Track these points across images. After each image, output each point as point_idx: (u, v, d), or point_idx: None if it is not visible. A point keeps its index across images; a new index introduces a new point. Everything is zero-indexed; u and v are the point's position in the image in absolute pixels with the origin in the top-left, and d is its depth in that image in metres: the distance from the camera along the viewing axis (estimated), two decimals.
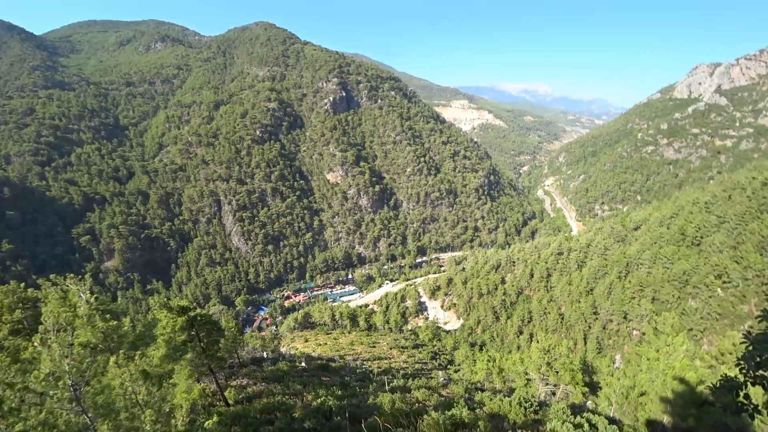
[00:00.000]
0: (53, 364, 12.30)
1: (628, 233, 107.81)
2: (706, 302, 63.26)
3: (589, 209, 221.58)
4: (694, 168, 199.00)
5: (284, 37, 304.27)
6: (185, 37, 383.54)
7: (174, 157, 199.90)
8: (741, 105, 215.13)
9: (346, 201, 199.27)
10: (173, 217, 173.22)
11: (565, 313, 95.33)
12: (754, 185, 79.40)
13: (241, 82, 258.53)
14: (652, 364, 29.86)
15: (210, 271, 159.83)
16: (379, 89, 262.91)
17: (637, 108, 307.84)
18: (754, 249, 63.58)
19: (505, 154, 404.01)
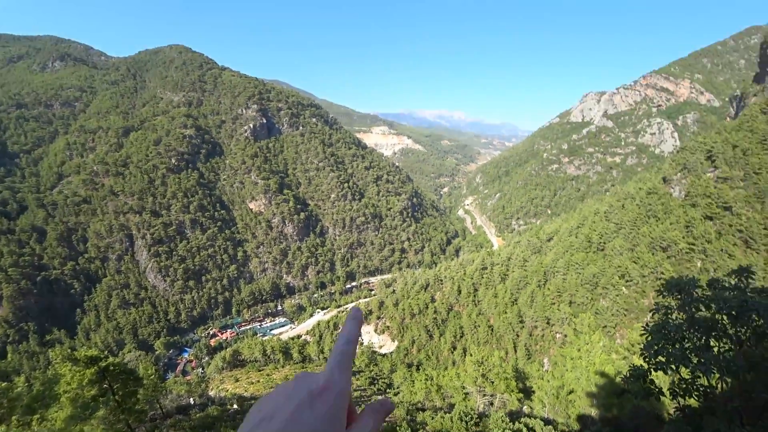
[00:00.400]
0: None
1: (543, 244, 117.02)
2: (614, 300, 70.24)
3: (507, 225, 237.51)
4: (593, 182, 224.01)
5: (201, 61, 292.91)
6: (89, 57, 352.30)
7: (77, 188, 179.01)
8: (624, 127, 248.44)
9: (270, 230, 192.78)
10: (77, 255, 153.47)
11: (494, 324, 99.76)
12: (641, 195, 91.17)
13: (154, 107, 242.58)
14: (576, 363, 32.18)
15: (123, 313, 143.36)
16: (300, 116, 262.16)
17: (541, 131, 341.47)
18: (647, 249, 72.43)
19: (426, 177, 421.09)
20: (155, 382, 30.90)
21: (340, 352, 0.93)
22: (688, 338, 11.62)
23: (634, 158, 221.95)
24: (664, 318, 12.71)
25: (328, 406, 0.81)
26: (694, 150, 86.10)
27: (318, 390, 0.82)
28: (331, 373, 0.87)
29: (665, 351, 11.41)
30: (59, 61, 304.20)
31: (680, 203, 77.53)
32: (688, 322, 11.69)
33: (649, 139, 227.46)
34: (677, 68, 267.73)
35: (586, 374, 28.63)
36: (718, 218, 67.76)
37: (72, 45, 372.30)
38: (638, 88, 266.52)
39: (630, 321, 64.56)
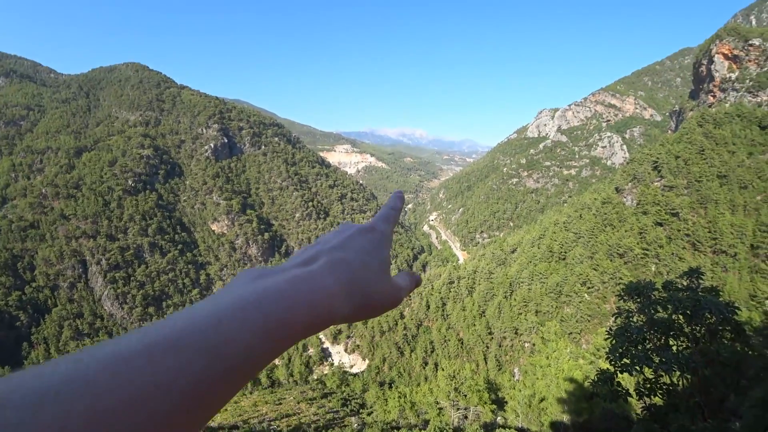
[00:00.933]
0: None
1: (507, 256, 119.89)
2: (577, 307, 72.77)
3: (471, 238, 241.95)
4: (551, 194, 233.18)
5: (158, 80, 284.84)
6: (37, 74, 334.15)
7: (23, 212, 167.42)
8: (577, 141, 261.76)
9: (234, 252, 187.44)
10: (23, 284, 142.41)
11: (464, 337, 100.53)
12: (597, 205, 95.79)
13: (109, 126, 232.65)
14: (546, 371, 32.88)
15: (76, 344, 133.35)
16: (262, 135, 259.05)
17: (500, 146, 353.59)
18: (605, 256, 75.89)
19: (390, 194, 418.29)
20: None
21: (384, 212, 0.96)
22: (648, 339, 12.21)
23: (589, 170, 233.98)
24: (626, 321, 13.30)
25: (376, 238, 0.85)
26: (641, 161, 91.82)
27: (366, 228, 0.88)
28: (376, 221, 0.93)
29: (629, 353, 11.90)
30: (3, 77, 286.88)
31: (633, 211, 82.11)
32: (648, 324, 12.29)
33: (600, 152, 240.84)
34: (622, 86, 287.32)
35: (555, 381, 29.28)
36: (668, 224, 72.29)
37: (18, 60, 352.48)
38: (588, 105, 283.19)
39: (594, 326, 66.94)
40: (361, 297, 0.82)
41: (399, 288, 0.91)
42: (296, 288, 0.70)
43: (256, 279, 0.71)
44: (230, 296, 0.66)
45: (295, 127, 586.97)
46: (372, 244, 0.89)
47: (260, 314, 0.62)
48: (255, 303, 0.63)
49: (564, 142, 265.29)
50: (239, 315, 0.60)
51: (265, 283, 0.69)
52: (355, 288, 0.81)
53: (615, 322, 14.13)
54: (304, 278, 0.74)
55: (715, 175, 76.18)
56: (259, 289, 0.67)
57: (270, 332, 0.61)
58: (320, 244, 0.88)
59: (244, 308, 0.61)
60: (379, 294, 0.85)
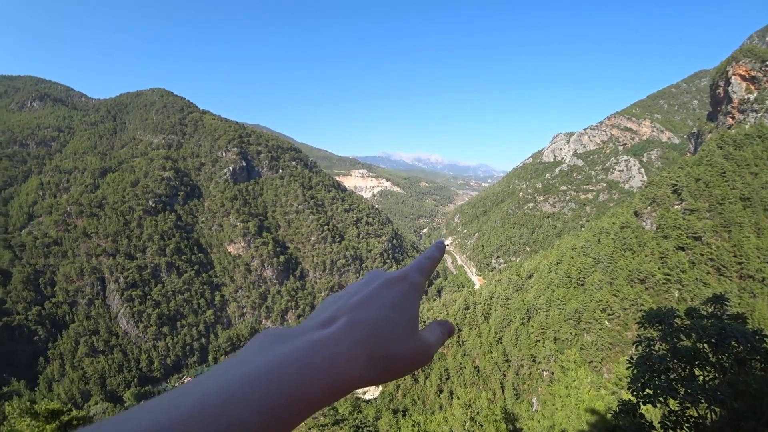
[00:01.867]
0: None
1: (524, 282, 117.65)
2: (598, 335, 70.30)
3: (487, 263, 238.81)
4: (568, 219, 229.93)
5: (182, 105, 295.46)
6: (69, 98, 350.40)
7: (48, 229, 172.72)
8: (594, 165, 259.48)
9: (249, 273, 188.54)
10: (43, 299, 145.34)
11: (480, 364, 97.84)
12: (615, 229, 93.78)
13: (133, 148, 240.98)
14: (565, 401, 31.63)
15: (91, 362, 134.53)
16: (279, 159, 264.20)
17: (515, 171, 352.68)
18: (625, 282, 73.68)
19: (405, 219, 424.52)
20: None
21: (419, 261, 0.88)
22: (672, 369, 11.67)
23: (606, 194, 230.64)
24: (648, 350, 12.77)
25: (405, 289, 0.77)
26: (660, 184, 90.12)
27: (395, 279, 0.79)
28: (408, 270, 0.84)
29: (652, 383, 11.36)
30: (38, 100, 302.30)
31: (653, 235, 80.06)
32: (671, 353, 11.78)
33: (617, 175, 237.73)
34: (638, 109, 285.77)
35: (576, 412, 28.11)
36: (690, 248, 70.11)
37: (53, 85, 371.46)
38: (604, 129, 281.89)
39: (615, 355, 64.46)
40: (385, 359, 0.79)
41: (428, 345, 0.86)
42: (313, 357, 0.70)
43: (274, 343, 0.72)
44: (245, 367, 0.67)
45: (312, 152, 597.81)
46: (401, 297, 0.80)
47: (273, 390, 0.63)
48: (268, 376, 0.64)
49: (580, 166, 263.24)
50: (249, 392, 0.61)
51: (283, 350, 0.69)
52: (378, 351, 0.78)
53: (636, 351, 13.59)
54: (323, 344, 0.73)
55: (737, 197, 74.11)
56: (275, 359, 0.67)
57: (283, 410, 0.63)
58: (344, 298, 0.83)
59: (256, 383, 0.63)
60: (405, 354, 0.81)
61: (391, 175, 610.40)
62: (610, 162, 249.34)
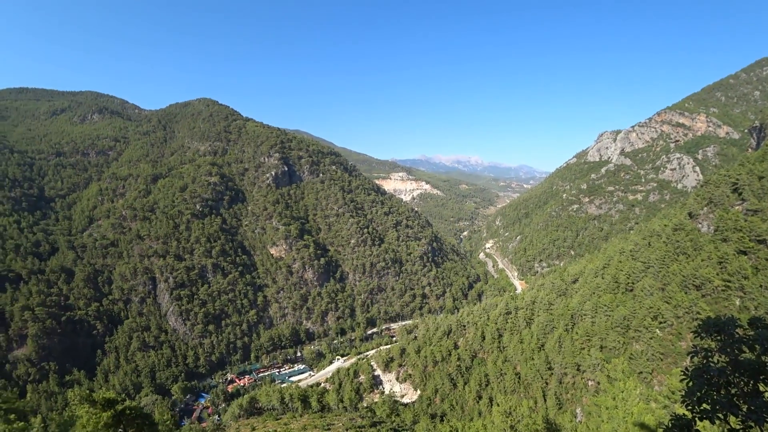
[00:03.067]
0: None
1: (568, 286, 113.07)
2: (648, 344, 66.18)
3: (529, 267, 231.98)
4: (615, 221, 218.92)
5: (226, 113, 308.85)
6: (125, 110, 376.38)
7: (105, 231, 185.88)
8: (643, 164, 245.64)
9: (290, 275, 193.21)
10: (101, 296, 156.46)
11: (521, 371, 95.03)
12: (667, 231, 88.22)
13: (182, 155, 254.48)
14: (612, 413, 29.95)
15: (142, 356, 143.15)
16: (320, 164, 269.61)
17: (559, 171, 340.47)
18: (678, 288, 68.88)
19: (445, 221, 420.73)
20: (170, 428, 30.23)
21: None
22: (733, 383, 10.72)
23: (656, 195, 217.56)
24: (705, 361, 11.80)
25: None
26: (718, 183, 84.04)
27: None
28: None
29: (710, 397, 10.48)
30: (97, 113, 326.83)
31: (710, 238, 74.61)
32: (732, 365, 10.82)
33: (669, 174, 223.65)
34: (691, 103, 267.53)
35: (624, 425, 26.55)
36: (753, 252, 64.65)
37: (110, 99, 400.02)
38: (653, 125, 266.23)
39: (667, 366, 60.48)
40: None
41: None
42: None
43: None
44: None
45: (352, 156, 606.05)
46: None
47: None
48: None
49: (628, 165, 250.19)
50: None
51: None
52: None
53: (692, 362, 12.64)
54: None
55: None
56: None
57: None
58: None
59: None
60: None
61: (431, 178, 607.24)
62: (660, 160, 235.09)
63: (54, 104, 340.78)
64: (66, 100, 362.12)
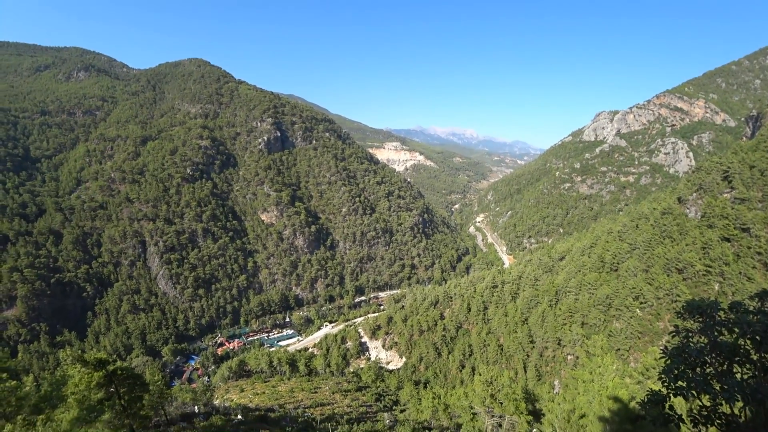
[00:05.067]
0: None
1: (555, 263, 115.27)
2: (628, 322, 68.49)
3: (518, 243, 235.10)
4: (606, 201, 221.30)
5: (218, 75, 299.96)
6: (112, 68, 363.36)
7: (94, 193, 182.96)
8: (637, 146, 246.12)
9: (281, 242, 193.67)
10: (91, 259, 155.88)
11: (504, 343, 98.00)
12: (655, 215, 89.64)
13: (172, 117, 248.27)
14: (588, 386, 31.24)
15: (133, 318, 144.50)
16: (313, 130, 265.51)
17: (553, 149, 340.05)
18: (661, 271, 70.74)
19: (437, 194, 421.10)
20: (161, 388, 30.86)
21: None
22: (709, 363, 11.18)
23: (648, 178, 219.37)
24: (685, 341, 12.25)
25: None
26: (710, 170, 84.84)
27: None
28: None
29: (685, 375, 10.94)
30: (83, 71, 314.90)
31: (696, 224, 76.03)
32: (710, 347, 11.25)
33: (663, 158, 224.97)
34: (691, 88, 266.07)
35: (598, 398, 27.72)
36: (736, 240, 66.16)
37: (96, 56, 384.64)
38: (651, 108, 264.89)
39: (644, 344, 62.85)
40: None
41: None
42: None
43: None
44: None
45: (346, 123, 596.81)
46: None
47: None
48: None
49: (623, 146, 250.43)
50: None
51: None
52: None
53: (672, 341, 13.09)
54: None
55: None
56: None
57: None
58: None
59: None
60: None
61: (425, 149, 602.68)
62: (655, 144, 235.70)
63: (37, 60, 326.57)
64: (50, 56, 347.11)
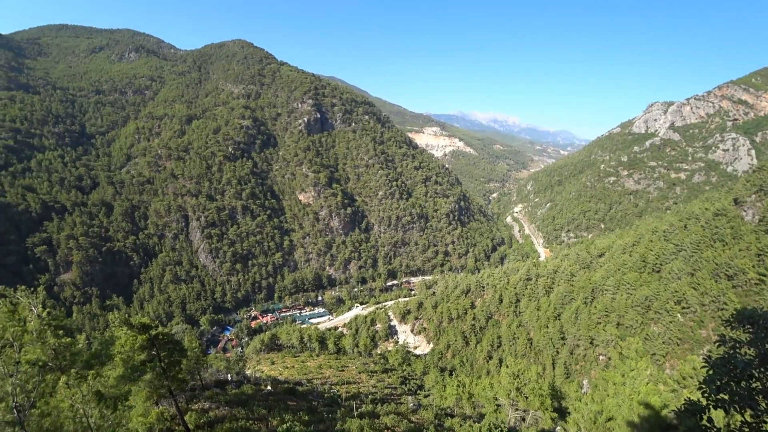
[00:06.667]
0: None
1: (593, 260, 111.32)
2: (667, 327, 65.47)
3: (556, 236, 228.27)
4: (653, 198, 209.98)
5: (261, 56, 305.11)
6: (161, 49, 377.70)
7: (142, 169, 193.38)
8: (692, 141, 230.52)
9: (317, 222, 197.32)
10: (138, 230, 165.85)
11: (534, 338, 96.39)
12: (707, 216, 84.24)
13: (216, 97, 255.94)
14: (619, 389, 30.31)
15: (174, 288, 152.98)
16: (353, 113, 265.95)
17: (600, 141, 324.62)
18: (709, 276, 66.73)
19: (476, 181, 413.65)
20: (198, 355, 32.61)
21: None
22: (757, 378, 10.52)
23: (702, 175, 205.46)
24: (731, 352, 11.56)
25: None
26: None
27: None
28: None
29: (729, 388, 10.34)
30: (134, 52, 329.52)
31: (752, 228, 70.92)
32: (760, 360, 10.58)
33: (720, 155, 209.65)
34: (759, 79, 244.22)
35: (628, 402, 26.89)
36: None
37: (146, 38, 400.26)
38: (712, 99, 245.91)
39: (683, 351, 59.99)
40: None
41: None
42: None
43: None
44: None
45: (386, 107, 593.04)
46: None
47: None
48: None
49: (676, 140, 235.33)
50: None
51: None
52: None
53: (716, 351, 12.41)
54: None
55: None
56: None
57: None
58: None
59: None
60: None
61: (465, 135, 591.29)
62: (713, 139, 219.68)
63: (93, 42, 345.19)
64: (104, 37, 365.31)
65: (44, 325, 15.43)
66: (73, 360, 15.92)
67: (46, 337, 14.98)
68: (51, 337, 15.09)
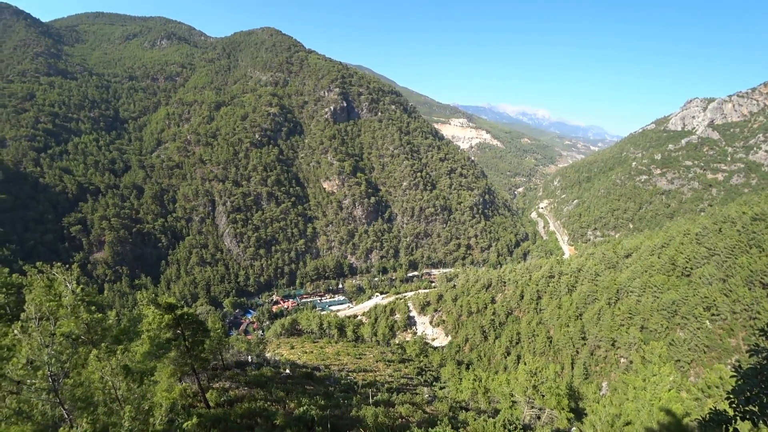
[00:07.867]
0: (33, 352, 11.88)
1: (619, 260, 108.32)
2: (694, 333, 63.34)
3: (582, 234, 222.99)
4: (686, 199, 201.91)
5: (289, 44, 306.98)
6: (191, 37, 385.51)
7: (172, 153, 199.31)
8: (733, 140, 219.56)
9: (340, 210, 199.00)
10: (166, 213, 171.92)
11: (554, 336, 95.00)
12: (744, 220, 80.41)
13: (244, 84, 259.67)
14: (639, 394, 29.65)
15: (200, 270, 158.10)
16: (379, 102, 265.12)
17: (632, 137, 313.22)
18: (742, 283, 63.96)
19: (501, 175, 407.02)
20: (220, 336, 33.77)
21: None
22: None
23: (741, 177, 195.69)
24: (764, 362, 11.17)
25: None
26: None
27: None
28: None
29: (759, 400, 10.02)
30: (166, 39, 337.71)
31: None
32: None
33: (763, 156, 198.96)
34: None
35: (648, 408, 26.30)
36: None
37: (177, 25, 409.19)
38: (756, 97, 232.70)
39: (710, 360, 57.97)
40: None
41: None
42: None
43: None
44: None
45: (413, 97, 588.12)
46: None
47: None
48: None
49: (715, 139, 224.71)
50: None
51: None
52: None
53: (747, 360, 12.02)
54: None
55: None
56: None
57: None
58: None
59: None
60: None
61: (492, 128, 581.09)
62: (756, 139, 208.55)
63: (127, 29, 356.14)
64: (137, 25, 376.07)
65: (78, 300, 16.34)
66: (104, 335, 16.82)
67: (80, 312, 15.87)
68: (84, 312, 15.99)
